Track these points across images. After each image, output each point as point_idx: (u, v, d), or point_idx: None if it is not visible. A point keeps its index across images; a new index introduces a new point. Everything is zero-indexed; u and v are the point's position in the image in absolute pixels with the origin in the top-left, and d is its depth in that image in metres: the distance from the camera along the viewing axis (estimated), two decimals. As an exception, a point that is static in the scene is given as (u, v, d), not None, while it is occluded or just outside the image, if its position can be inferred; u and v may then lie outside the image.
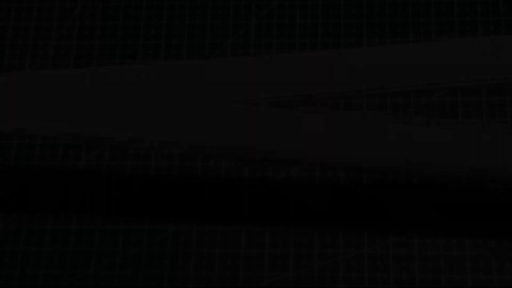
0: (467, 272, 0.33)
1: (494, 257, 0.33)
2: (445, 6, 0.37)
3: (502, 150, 0.29)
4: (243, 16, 0.38)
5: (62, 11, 0.40)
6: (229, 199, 0.35)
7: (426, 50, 0.31)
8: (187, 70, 0.31)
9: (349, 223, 0.34)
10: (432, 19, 0.37)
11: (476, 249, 0.33)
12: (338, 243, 0.34)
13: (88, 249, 0.35)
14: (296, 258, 0.34)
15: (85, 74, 0.33)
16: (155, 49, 0.39)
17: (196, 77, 0.31)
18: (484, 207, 0.34)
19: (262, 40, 0.38)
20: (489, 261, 0.33)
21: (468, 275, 0.33)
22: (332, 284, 0.34)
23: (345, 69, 0.30)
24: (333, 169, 0.32)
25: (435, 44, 0.31)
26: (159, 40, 0.39)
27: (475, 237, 0.34)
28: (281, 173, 0.35)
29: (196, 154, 0.35)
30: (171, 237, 0.35)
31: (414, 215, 0.34)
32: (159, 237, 0.35)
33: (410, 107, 0.35)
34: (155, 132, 0.30)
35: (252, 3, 0.38)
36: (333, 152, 0.29)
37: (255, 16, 0.38)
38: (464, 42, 0.32)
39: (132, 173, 0.36)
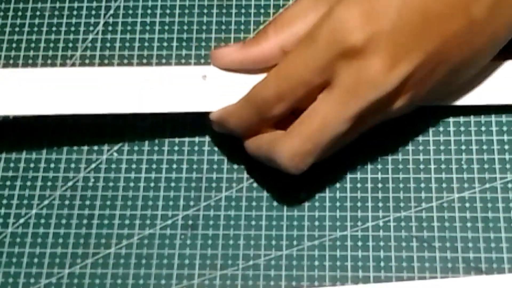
0: (437, 251, 0.34)
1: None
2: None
3: None
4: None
5: (88, 26, 0.40)
6: (230, 189, 0.36)
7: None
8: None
9: (334, 209, 0.35)
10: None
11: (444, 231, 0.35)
12: (324, 226, 0.35)
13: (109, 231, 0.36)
14: (288, 238, 0.35)
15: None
16: (167, 59, 0.39)
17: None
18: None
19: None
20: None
21: (437, 253, 0.34)
22: (320, 262, 0.34)
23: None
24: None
25: None
26: (169, 51, 0.39)
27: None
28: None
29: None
30: (181, 221, 0.36)
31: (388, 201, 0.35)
32: (171, 220, 0.36)
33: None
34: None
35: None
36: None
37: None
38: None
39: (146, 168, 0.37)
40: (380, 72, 0.30)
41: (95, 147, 0.38)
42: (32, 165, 0.37)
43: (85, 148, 0.38)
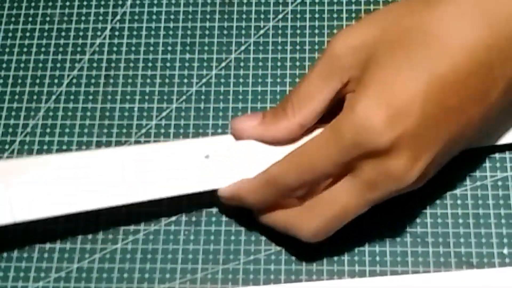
0: (430, 246, 0.35)
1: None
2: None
3: None
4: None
5: (96, 31, 0.41)
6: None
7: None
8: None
9: None
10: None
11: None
12: None
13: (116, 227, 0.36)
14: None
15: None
16: (171, 62, 0.40)
17: None
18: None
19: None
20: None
21: (430, 248, 0.34)
22: (318, 256, 0.35)
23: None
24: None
25: None
26: (174, 55, 0.40)
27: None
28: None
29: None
30: (184, 217, 0.36)
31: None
32: (175, 217, 0.36)
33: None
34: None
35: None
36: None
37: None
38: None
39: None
40: (403, 169, 0.30)
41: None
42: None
43: (93, 148, 0.38)
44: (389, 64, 0.30)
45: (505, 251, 0.34)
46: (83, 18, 0.41)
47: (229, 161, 0.34)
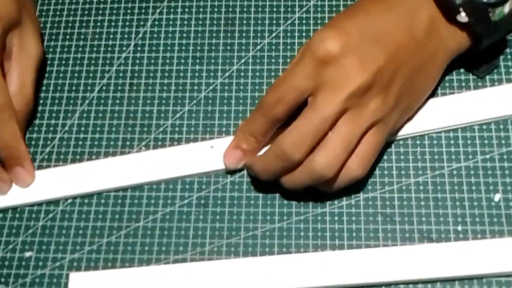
0: (397, 224, 0.36)
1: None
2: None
3: None
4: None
5: (121, 47, 0.42)
6: (234, 175, 0.38)
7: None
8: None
9: (316, 190, 0.36)
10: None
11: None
12: (308, 204, 0.37)
13: (139, 209, 0.38)
14: (280, 214, 0.37)
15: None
16: (184, 72, 0.41)
17: None
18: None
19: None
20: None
21: (397, 226, 0.36)
22: (305, 232, 0.36)
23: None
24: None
25: None
26: (186, 66, 0.41)
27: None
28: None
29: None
30: (195, 200, 0.38)
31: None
32: (187, 200, 0.38)
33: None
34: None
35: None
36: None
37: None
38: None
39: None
40: (353, 69, 0.34)
41: (127, 143, 0.40)
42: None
43: (119, 143, 0.40)
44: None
45: (459, 228, 0.36)
46: (111, 36, 0.43)
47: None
